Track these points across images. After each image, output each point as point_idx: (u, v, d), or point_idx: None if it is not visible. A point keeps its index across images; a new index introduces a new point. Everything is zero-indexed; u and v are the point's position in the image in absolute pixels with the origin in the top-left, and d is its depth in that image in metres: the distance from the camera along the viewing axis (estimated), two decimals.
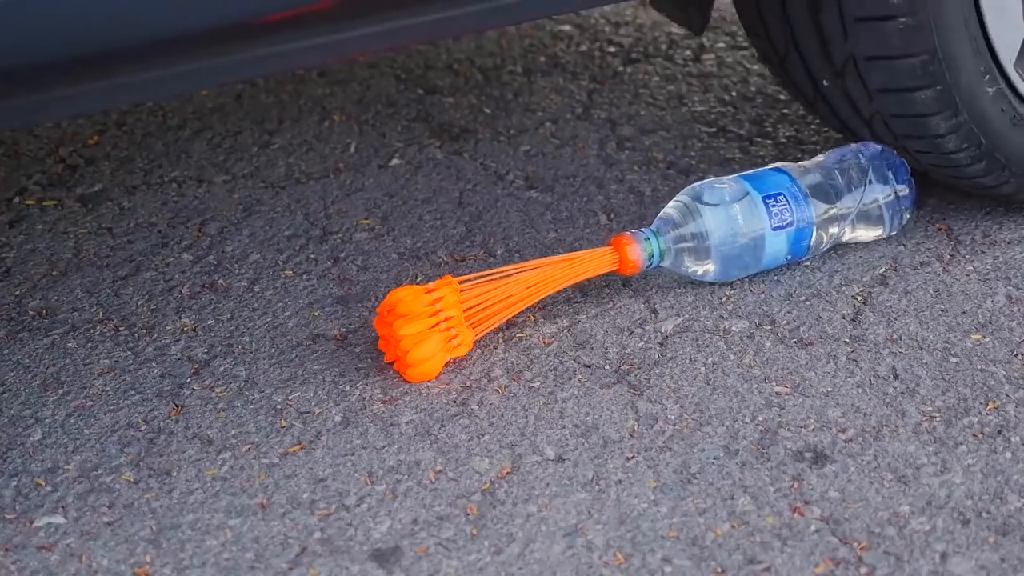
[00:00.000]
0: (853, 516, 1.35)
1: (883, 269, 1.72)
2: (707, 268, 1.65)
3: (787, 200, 1.66)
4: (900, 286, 1.69)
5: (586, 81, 2.23)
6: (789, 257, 1.68)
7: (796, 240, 1.67)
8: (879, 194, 1.71)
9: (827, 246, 1.71)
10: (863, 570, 1.28)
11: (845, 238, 1.72)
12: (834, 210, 1.68)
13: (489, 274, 1.57)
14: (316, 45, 1.35)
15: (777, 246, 1.66)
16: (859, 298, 1.67)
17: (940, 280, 1.71)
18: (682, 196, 1.66)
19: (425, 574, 1.28)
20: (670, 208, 1.65)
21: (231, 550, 1.31)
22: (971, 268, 1.72)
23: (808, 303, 1.66)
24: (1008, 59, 1.66)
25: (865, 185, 1.70)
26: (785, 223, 1.65)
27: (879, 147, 1.74)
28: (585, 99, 2.18)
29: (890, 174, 1.72)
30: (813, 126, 2.06)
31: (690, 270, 1.65)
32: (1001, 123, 1.68)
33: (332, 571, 1.28)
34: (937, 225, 1.82)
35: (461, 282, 1.55)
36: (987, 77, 1.65)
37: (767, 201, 1.65)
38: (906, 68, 1.61)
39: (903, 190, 1.73)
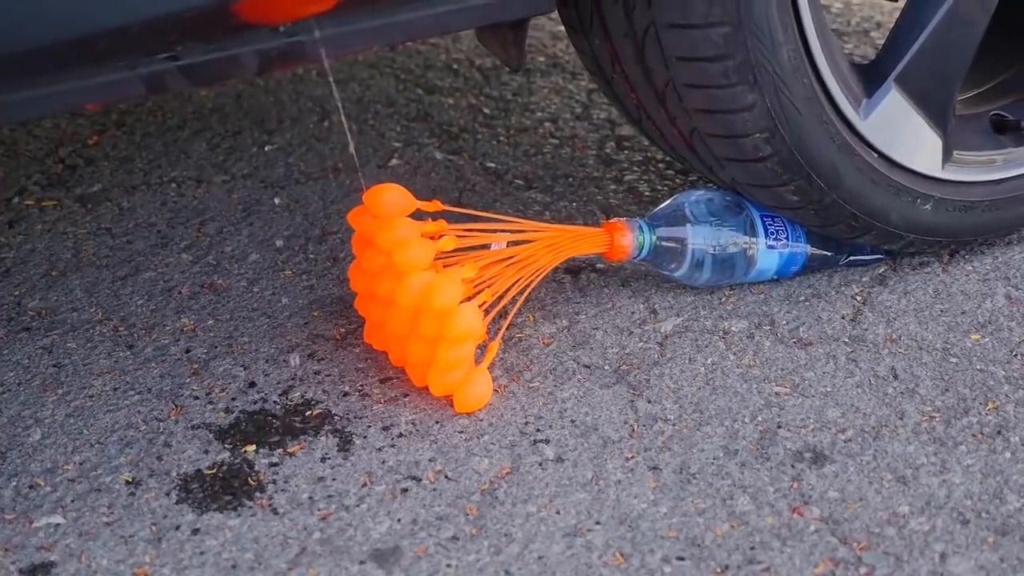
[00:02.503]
0: (853, 516, 1.35)
1: (882, 269, 1.72)
2: (688, 271, 1.64)
3: (783, 222, 1.66)
4: (899, 286, 1.69)
5: (585, 81, 2.23)
6: (775, 276, 1.69)
7: (788, 262, 1.67)
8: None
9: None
10: (863, 570, 1.28)
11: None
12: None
13: (477, 228, 1.55)
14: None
15: (767, 263, 1.66)
16: (859, 298, 1.68)
17: (939, 280, 1.71)
18: (680, 198, 1.66)
19: (425, 574, 1.28)
20: (666, 206, 1.65)
21: (231, 550, 1.31)
22: (970, 268, 1.73)
23: (808, 303, 1.67)
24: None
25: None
26: (779, 243, 1.66)
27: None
28: (584, 99, 2.19)
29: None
30: None
31: (673, 270, 1.64)
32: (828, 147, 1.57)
33: (332, 571, 1.28)
34: None
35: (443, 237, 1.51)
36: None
37: (764, 219, 1.65)
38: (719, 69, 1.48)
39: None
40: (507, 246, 1.55)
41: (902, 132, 1.61)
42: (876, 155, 1.59)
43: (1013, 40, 1.78)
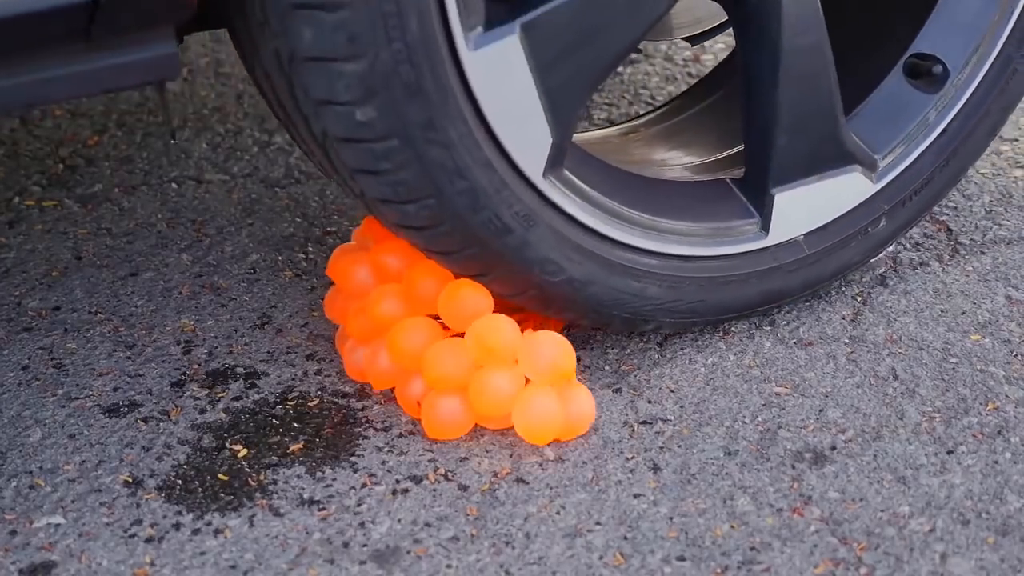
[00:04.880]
0: (853, 516, 1.35)
1: (883, 269, 1.73)
2: None
3: None
4: (900, 286, 1.70)
5: None
6: None
7: None
8: None
9: None
10: (863, 570, 1.28)
11: None
12: None
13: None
14: None
15: None
16: (859, 298, 1.68)
17: (939, 280, 1.71)
18: None
19: (425, 574, 1.28)
20: None
21: (231, 550, 1.31)
22: (971, 268, 1.73)
23: (808, 303, 1.67)
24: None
25: None
26: None
27: None
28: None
29: None
30: None
31: None
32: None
33: (332, 571, 1.28)
34: (937, 225, 1.82)
35: None
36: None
37: None
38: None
39: None
40: None
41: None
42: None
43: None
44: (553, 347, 1.43)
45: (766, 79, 1.50)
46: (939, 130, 1.63)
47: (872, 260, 1.68)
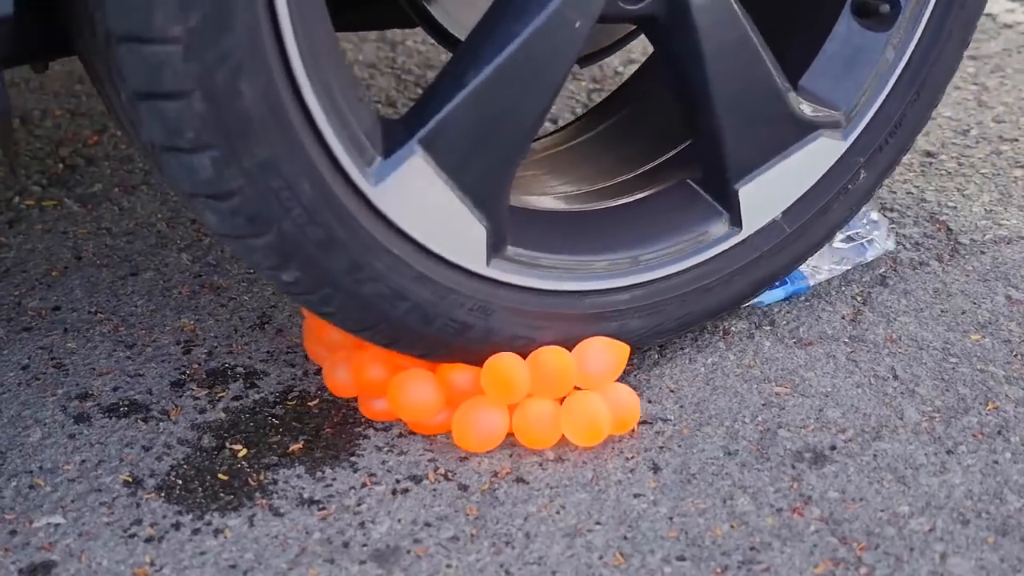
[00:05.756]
0: (852, 516, 1.35)
1: (883, 269, 1.73)
2: None
3: None
4: (899, 286, 1.69)
5: (586, 81, 2.23)
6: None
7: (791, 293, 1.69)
8: None
9: None
10: (863, 570, 1.28)
11: None
12: None
13: None
14: None
15: (772, 296, 1.68)
16: (858, 298, 1.68)
17: (939, 280, 1.71)
18: None
19: (425, 574, 1.28)
20: None
21: (231, 550, 1.31)
22: (971, 268, 1.73)
23: (807, 303, 1.67)
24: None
25: None
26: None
27: None
28: (585, 99, 2.19)
29: None
30: None
31: None
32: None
33: (332, 571, 1.28)
34: (937, 225, 1.82)
35: None
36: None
37: None
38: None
39: None
40: None
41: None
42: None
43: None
44: (608, 353, 1.45)
45: (697, 86, 1.45)
46: (901, 67, 1.55)
47: (861, 211, 1.61)
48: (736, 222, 1.51)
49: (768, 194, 1.52)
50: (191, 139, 1.16)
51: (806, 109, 1.52)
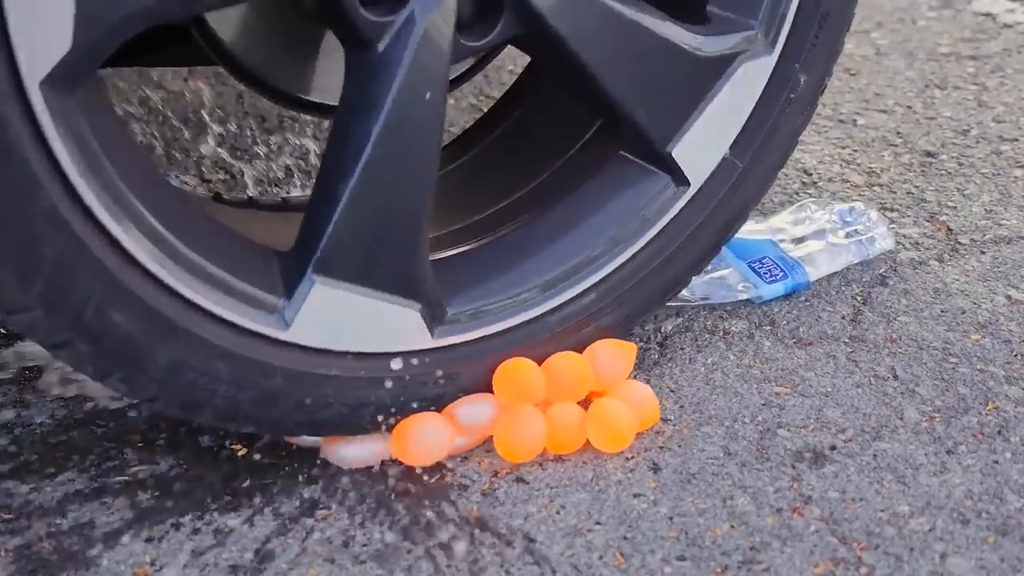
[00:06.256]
0: (852, 516, 1.35)
1: (882, 269, 1.73)
2: None
3: (773, 261, 1.70)
4: (899, 286, 1.70)
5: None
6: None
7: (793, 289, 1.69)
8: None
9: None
10: (863, 570, 1.28)
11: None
12: None
13: None
14: None
15: (774, 292, 1.69)
16: (858, 298, 1.68)
17: (939, 280, 1.71)
18: None
19: (425, 574, 1.28)
20: None
21: (231, 550, 1.31)
22: (970, 268, 1.73)
23: (807, 303, 1.67)
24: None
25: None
26: (777, 278, 1.68)
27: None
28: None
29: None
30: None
31: None
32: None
33: (332, 571, 1.28)
34: (937, 225, 1.82)
35: None
36: None
37: (752, 264, 1.69)
38: None
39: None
40: None
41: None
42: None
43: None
44: (618, 354, 1.46)
45: (586, 87, 1.36)
46: None
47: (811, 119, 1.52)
48: (681, 181, 1.43)
49: (706, 142, 1.42)
50: None
51: (714, 45, 1.39)
